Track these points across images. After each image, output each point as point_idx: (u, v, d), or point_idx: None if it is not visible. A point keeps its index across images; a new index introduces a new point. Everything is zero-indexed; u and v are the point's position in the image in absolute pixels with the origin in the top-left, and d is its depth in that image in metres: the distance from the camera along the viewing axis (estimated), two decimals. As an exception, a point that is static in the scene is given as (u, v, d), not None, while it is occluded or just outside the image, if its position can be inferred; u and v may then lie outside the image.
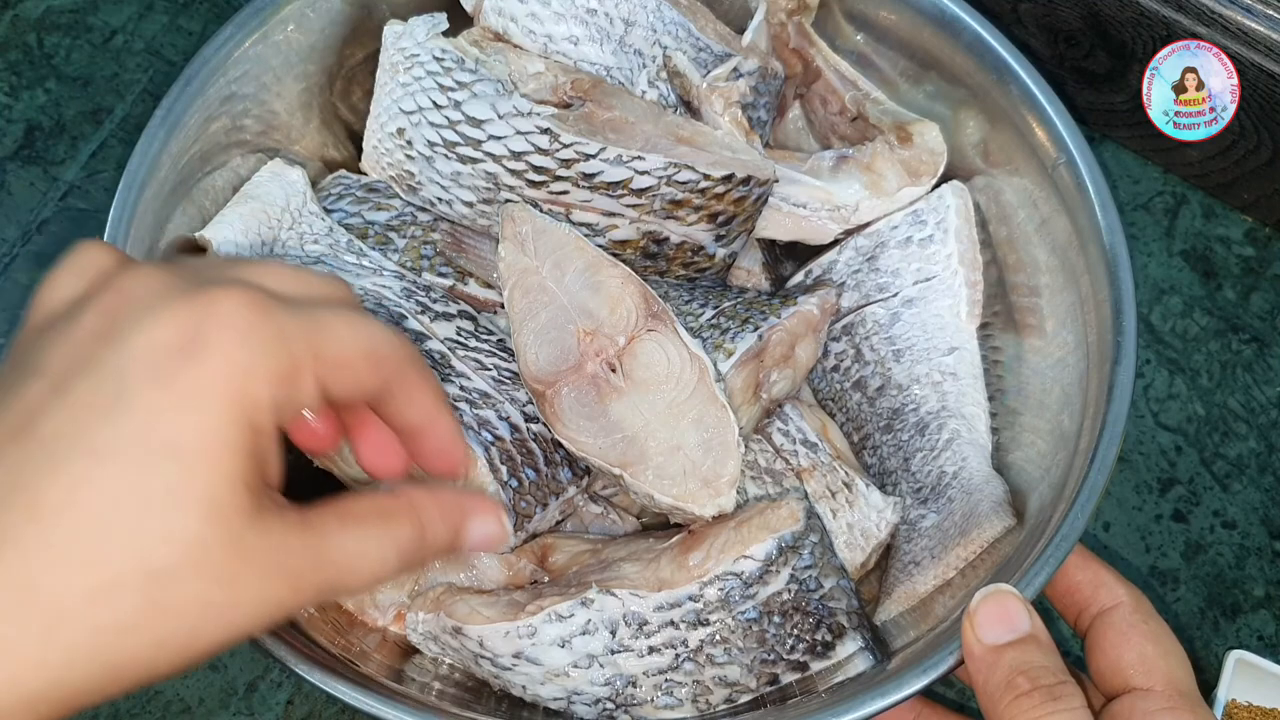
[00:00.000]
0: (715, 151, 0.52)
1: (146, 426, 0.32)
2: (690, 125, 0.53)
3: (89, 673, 0.32)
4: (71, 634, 0.31)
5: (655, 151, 0.51)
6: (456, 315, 0.53)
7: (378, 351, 0.37)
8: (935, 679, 0.43)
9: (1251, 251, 0.71)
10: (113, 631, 0.32)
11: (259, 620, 0.35)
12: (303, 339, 0.34)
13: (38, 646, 0.31)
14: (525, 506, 0.49)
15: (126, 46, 0.72)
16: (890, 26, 0.58)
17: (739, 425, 0.48)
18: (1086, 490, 0.46)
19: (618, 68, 0.57)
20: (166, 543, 0.32)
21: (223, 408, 0.33)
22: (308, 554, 0.35)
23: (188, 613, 0.33)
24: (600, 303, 0.50)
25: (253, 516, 0.34)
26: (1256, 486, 0.65)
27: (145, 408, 0.32)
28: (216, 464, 0.33)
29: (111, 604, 0.32)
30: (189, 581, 0.32)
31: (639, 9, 0.57)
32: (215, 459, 0.33)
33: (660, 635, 0.46)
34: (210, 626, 0.33)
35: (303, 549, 0.35)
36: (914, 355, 0.55)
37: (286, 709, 0.58)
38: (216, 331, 0.33)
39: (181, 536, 0.32)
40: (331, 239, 0.54)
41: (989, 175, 0.57)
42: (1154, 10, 0.63)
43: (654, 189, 0.51)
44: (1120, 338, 0.49)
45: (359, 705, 0.42)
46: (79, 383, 0.33)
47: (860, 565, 0.52)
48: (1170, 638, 0.44)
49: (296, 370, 0.34)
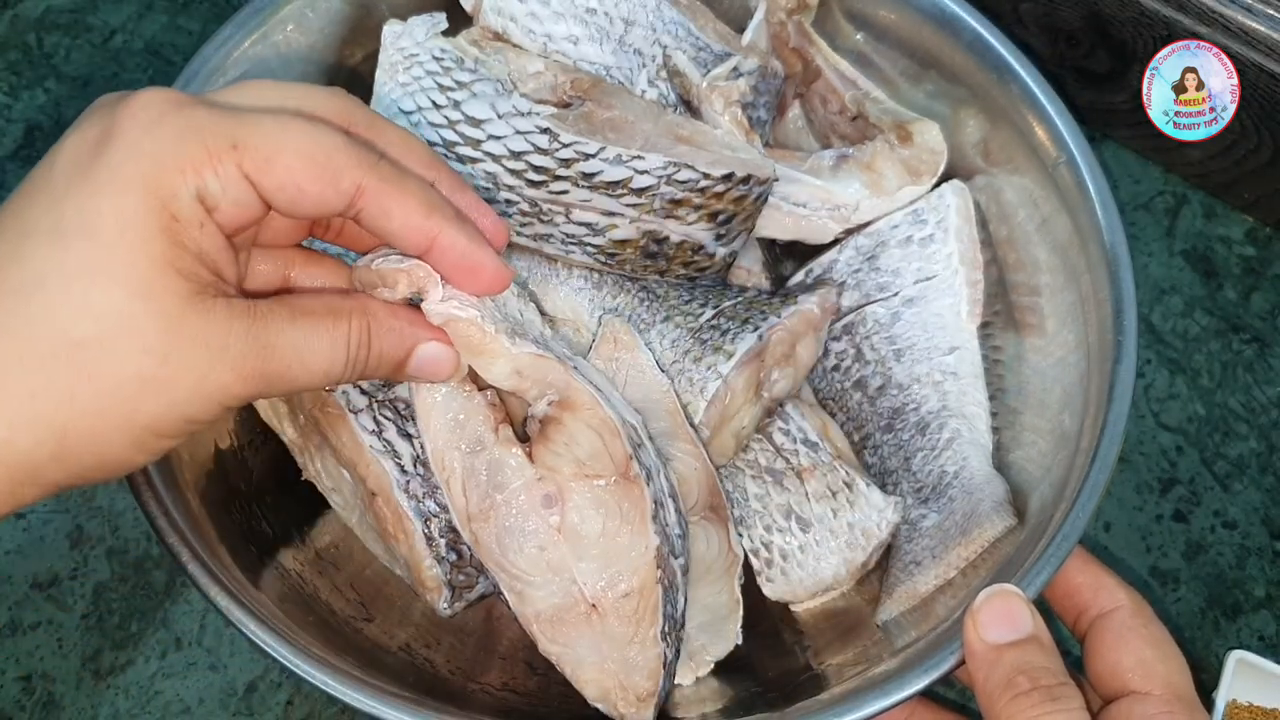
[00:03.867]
0: (715, 150, 0.52)
1: (65, 210, 0.34)
2: (690, 124, 0.53)
3: (35, 439, 0.34)
4: (9, 401, 0.34)
5: (655, 151, 0.51)
6: None
7: (317, 152, 0.37)
8: (937, 678, 0.43)
9: (1252, 251, 0.71)
10: (47, 399, 0.34)
11: (203, 401, 0.36)
12: (217, 128, 0.36)
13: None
14: (464, 579, 0.49)
15: (126, 46, 0.72)
16: (890, 25, 0.58)
17: (740, 615, 0.50)
18: (1088, 490, 0.46)
19: (617, 67, 0.57)
20: (88, 315, 0.34)
21: (134, 192, 0.34)
22: (252, 340, 0.37)
23: (122, 384, 0.35)
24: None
25: (188, 298, 0.35)
26: (1257, 486, 0.65)
27: (64, 194, 0.35)
28: (136, 245, 0.34)
29: (43, 371, 0.34)
30: (119, 354, 0.34)
31: (639, 8, 0.57)
32: (134, 240, 0.34)
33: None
34: (149, 400, 0.35)
35: (247, 334, 0.36)
36: (914, 355, 0.55)
37: (286, 709, 0.58)
38: (126, 124, 0.35)
39: (103, 310, 0.34)
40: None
41: (989, 174, 0.57)
42: (1154, 10, 0.63)
43: (654, 188, 0.51)
44: (1121, 337, 0.49)
45: (359, 705, 0.42)
46: (27, 181, 0.36)
47: (861, 565, 0.52)
48: (1169, 642, 0.44)
49: (210, 159, 0.35)
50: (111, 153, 0.35)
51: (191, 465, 0.49)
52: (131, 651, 0.59)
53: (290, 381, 0.38)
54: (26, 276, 0.34)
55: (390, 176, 0.39)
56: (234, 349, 0.36)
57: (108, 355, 0.34)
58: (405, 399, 0.49)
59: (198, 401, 0.36)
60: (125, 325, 0.34)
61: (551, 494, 0.45)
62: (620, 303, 0.54)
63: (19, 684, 0.58)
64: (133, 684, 0.58)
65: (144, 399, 0.35)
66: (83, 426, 0.35)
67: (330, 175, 0.37)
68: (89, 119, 0.36)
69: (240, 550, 0.48)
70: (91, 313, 0.34)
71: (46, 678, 0.58)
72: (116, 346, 0.34)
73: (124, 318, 0.34)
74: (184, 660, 0.58)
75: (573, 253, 0.53)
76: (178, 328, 0.35)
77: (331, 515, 0.53)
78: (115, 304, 0.34)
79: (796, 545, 0.52)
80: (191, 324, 0.35)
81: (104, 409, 0.35)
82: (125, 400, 0.35)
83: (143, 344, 0.35)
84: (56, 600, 0.59)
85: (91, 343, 0.34)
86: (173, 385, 0.35)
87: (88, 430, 0.35)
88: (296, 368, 0.38)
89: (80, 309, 0.34)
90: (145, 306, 0.34)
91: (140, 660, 0.58)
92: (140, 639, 0.59)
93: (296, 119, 0.37)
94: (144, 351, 0.35)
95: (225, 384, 0.36)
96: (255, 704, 0.58)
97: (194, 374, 0.35)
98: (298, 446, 0.52)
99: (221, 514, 0.49)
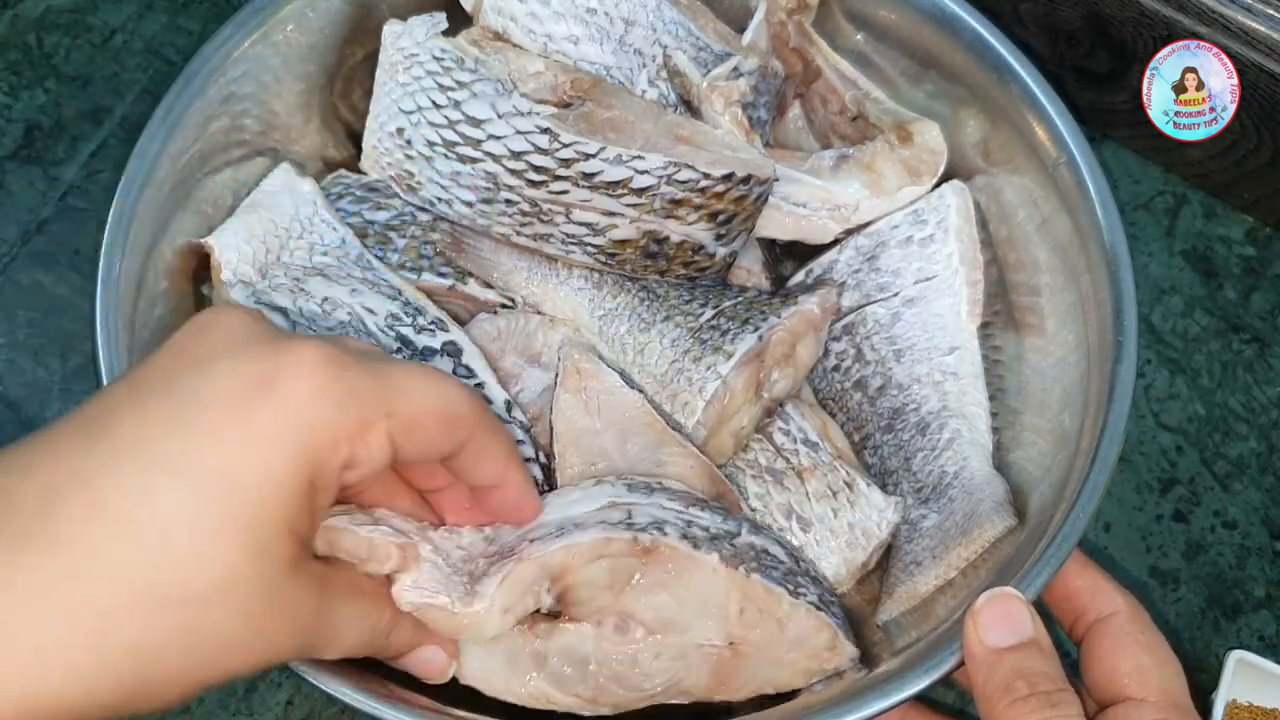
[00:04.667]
0: (715, 150, 0.52)
1: (212, 454, 0.33)
2: (690, 124, 0.53)
3: (117, 688, 0.32)
4: (112, 647, 0.31)
5: (655, 150, 0.51)
6: (439, 351, 0.52)
7: (450, 411, 0.37)
8: (937, 679, 0.43)
9: (1252, 251, 0.71)
10: (148, 649, 0.32)
11: (260, 665, 0.35)
12: (374, 397, 0.35)
13: (80, 653, 0.31)
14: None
15: (126, 46, 0.72)
16: (890, 25, 0.58)
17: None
18: (1088, 490, 0.46)
19: (617, 67, 0.57)
20: (210, 572, 0.32)
21: (287, 456, 0.33)
22: (319, 616, 0.36)
23: (214, 645, 0.33)
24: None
25: (288, 565, 0.34)
26: (1257, 486, 0.65)
27: (213, 436, 0.33)
28: (270, 508, 0.33)
29: (154, 621, 0.32)
30: (222, 615, 0.33)
31: (639, 8, 0.57)
32: (271, 503, 0.33)
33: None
34: (226, 662, 0.34)
35: (316, 609, 0.36)
36: (915, 355, 0.55)
37: (286, 709, 0.58)
38: (292, 381, 0.34)
39: (224, 570, 0.32)
40: (342, 251, 0.54)
41: (989, 174, 0.57)
42: (1154, 10, 0.63)
43: (654, 188, 0.51)
44: (1121, 337, 0.49)
45: (359, 705, 0.42)
46: (156, 396, 0.33)
47: (861, 565, 0.52)
48: (1166, 649, 0.44)
49: (365, 428, 0.35)
50: (274, 408, 0.33)
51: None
52: (132, 651, 0.59)
53: (319, 652, 0.37)
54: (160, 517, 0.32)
55: (492, 425, 0.40)
56: (303, 621, 0.35)
57: (213, 614, 0.33)
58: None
59: (257, 666, 0.35)
60: (236, 589, 0.33)
61: (617, 623, 0.44)
62: (620, 303, 0.54)
63: (19, 684, 0.58)
64: (133, 684, 0.58)
65: (223, 661, 0.34)
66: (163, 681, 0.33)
67: (456, 431, 0.38)
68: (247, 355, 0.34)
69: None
70: (215, 570, 0.33)
71: (47, 678, 0.58)
72: (222, 608, 0.33)
73: (236, 581, 0.33)
74: (184, 660, 0.58)
75: (573, 253, 0.53)
76: (276, 597, 0.34)
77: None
78: (235, 565, 0.33)
79: (796, 545, 0.52)
80: (287, 594, 0.34)
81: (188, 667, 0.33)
82: (209, 661, 0.33)
83: (244, 611, 0.33)
84: (57, 600, 0.59)
85: (204, 599, 0.32)
86: (250, 652, 0.34)
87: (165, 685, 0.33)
88: (332, 642, 0.38)
89: (207, 565, 0.32)
90: (255, 573, 0.33)
91: (140, 660, 0.58)
92: (140, 639, 0.59)
93: (430, 373, 0.38)
94: (243, 618, 0.33)
95: (282, 651, 0.35)
96: (255, 704, 0.58)
97: (270, 643, 0.35)
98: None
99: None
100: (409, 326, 0.51)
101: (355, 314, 0.50)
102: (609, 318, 0.54)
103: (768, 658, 0.45)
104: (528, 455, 0.50)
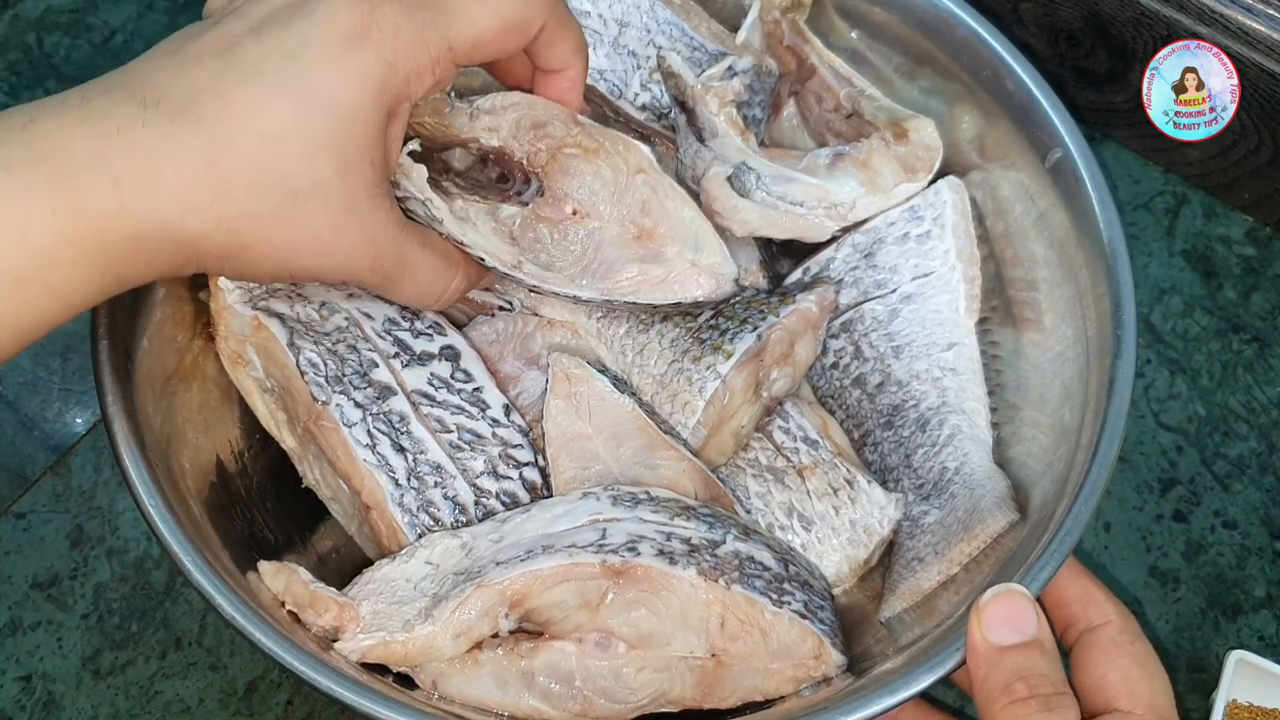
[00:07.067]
0: (669, 259, 0.50)
1: (319, 83, 0.40)
2: (655, 209, 0.50)
3: (225, 243, 0.40)
4: (228, 205, 0.39)
5: (592, 289, 0.50)
6: (437, 355, 0.51)
7: (510, 23, 0.44)
8: (942, 676, 0.43)
9: (1252, 251, 0.71)
10: (254, 219, 0.40)
11: (338, 272, 0.43)
12: (439, 38, 0.42)
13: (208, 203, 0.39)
14: None
15: (126, 46, 0.72)
16: (884, 23, 0.58)
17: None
18: (1089, 484, 0.46)
19: (611, 70, 0.57)
20: (311, 176, 0.40)
21: (373, 89, 0.41)
22: (395, 248, 0.44)
23: (304, 235, 0.41)
24: (656, 484, 0.49)
25: (369, 188, 0.42)
26: (1257, 486, 0.65)
27: (319, 70, 0.40)
28: (358, 131, 0.41)
29: (263, 200, 0.40)
30: (312, 212, 0.40)
31: (632, 9, 0.57)
32: (359, 127, 0.41)
33: None
34: (308, 255, 0.42)
35: (393, 241, 0.44)
36: (913, 351, 0.55)
37: (286, 709, 0.58)
38: (374, 33, 0.41)
39: (320, 176, 0.40)
40: None
41: (985, 170, 0.57)
42: (1154, 10, 0.63)
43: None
44: (1120, 331, 0.49)
45: (359, 706, 0.42)
46: (273, 33, 0.40)
47: (863, 562, 0.52)
48: (1155, 662, 0.44)
49: (432, 65, 0.42)
50: (366, 52, 0.40)
51: (193, 472, 0.49)
52: (131, 651, 0.59)
53: (396, 293, 0.46)
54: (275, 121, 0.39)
55: (563, 20, 0.46)
56: (380, 247, 0.43)
57: (304, 208, 0.40)
58: (400, 412, 0.49)
59: (336, 271, 0.43)
60: (323, 193, 0.40)
61: (598, 639, 0.45)
62: (619, 302, 0.54)
63: (19, 684, 0.58)
64: (132, 684, 0.58)
65: (306, 253, 0.41)
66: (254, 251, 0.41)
67: (525, 30, 0.45)
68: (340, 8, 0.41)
69: (241, 555, 0.47)
70: (308, 172, 0.40)
71: (46, 678, 0.58)
72: (311, 205, 0.40)
73: (324, 185, 0.40)
74: (184, 660, 0.58)
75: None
76: (357, 210, 0.42)
77: (332, 521, 0.53)
78: (325, 172, 0.40)
79: (799, 543, 0.52)
80: (364, 211, 0.42)
81: (277, 244, 0.41)
82: (292, 248, 0.41)
83: (328, 213, 0.41)
84: (56, 600, 0.59)
85: (298, 194, 0.40)
86: (329, 253, 0.42)
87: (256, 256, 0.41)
88: (408, 285, 0.46)
89: (303, 165, 0.40)
90: (343, 182, 0.41)
91: (140, 660, 0.58)
92: (140, 639, 0.59)
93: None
94: (329, 214, 0.41)
95: (357, 267, 0.43)
96: (255, 704, 0.58)
97: (346, 252, 0.42)
98: (297, 455, 0.52)
99: (223, 519, 0.49)
100: (406, 330, 0.51)
101: (352, 318, 0.51)
102: (608, 319, 0.54)
103: (752, 667, 0.45)
104: (526, 460, 0.50)
